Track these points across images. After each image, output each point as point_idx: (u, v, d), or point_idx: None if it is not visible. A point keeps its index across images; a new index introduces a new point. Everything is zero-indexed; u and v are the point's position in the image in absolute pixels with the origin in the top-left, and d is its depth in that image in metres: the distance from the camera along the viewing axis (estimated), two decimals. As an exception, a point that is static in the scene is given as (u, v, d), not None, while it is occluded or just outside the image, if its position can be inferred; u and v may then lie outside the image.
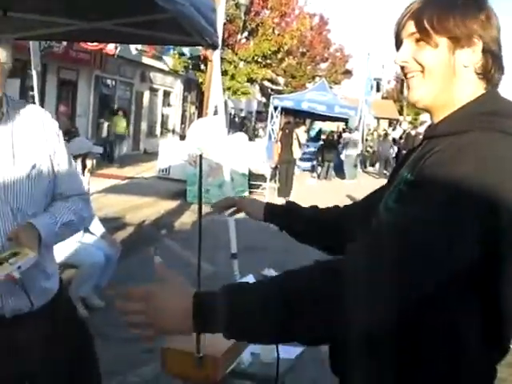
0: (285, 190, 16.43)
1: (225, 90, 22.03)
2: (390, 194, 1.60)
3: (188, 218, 11.06)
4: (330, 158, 22.55)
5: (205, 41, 3.58)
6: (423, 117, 35.96)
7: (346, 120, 26.50)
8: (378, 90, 33.40)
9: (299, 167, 22.10)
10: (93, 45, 17.97)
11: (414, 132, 25.93)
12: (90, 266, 5.67)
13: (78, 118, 20.86)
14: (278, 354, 2.17)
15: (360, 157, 24.88)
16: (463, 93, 1.51)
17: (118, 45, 19.50)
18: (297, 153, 17.96)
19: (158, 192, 13.79)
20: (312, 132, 31.22)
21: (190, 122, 29.53)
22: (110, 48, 20.20)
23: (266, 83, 34.58)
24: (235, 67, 23.84)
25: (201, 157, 1.99)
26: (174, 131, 29.75)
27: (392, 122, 46.74)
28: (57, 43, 16.30)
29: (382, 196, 1.66)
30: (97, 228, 6.06)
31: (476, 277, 1.35)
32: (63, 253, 5.27)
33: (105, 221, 7.19)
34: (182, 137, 25.49)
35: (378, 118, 44.02)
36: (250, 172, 14.69)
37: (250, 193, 14.82)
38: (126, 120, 21.43)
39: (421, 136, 1.70)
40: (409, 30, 1.54)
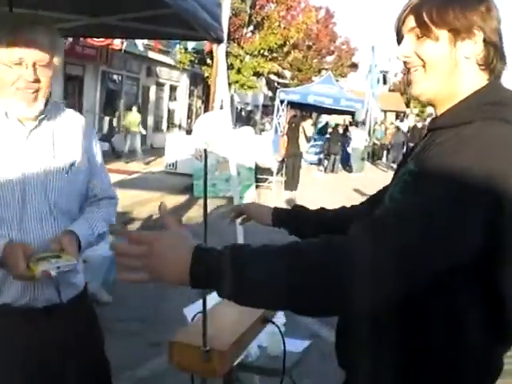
0: (291, 184, 16.42)
1: (231, 84, 22.02)
2: (395, 185, 1.61)
3: (195, 213, 11.07)
4: (335, 151, 22.51)
5: (210, 35, 3.57)
6: (430, 109, 35.75)
7: (352, 113, 26.45)
8: (384, 82, 33.27)
9: (306, 160, 22.08)
10: (99, 40, 17.98)
11: (420, 125, 25.90)
12: (97, 259, 5.69)
13: (85, 114, 20.90)
14: (285, 348, 2.19)
15: (368, 149, 24.82)
16: (466, 84, 1.51)
17: (125, 40, 19.51)
18: (303, 146, 17.95)
19: (166, 187, 13.82)
20: (319, 125, 31.17)
21: (196, 116, 29.53)
22: (117, 43, 20.20)
23: (272, 77, 34.53)
24: (241, 61, 23.80)
25: (205, 151, 1.99)
26: (180, 126, 29.75)
27: (399, 115, 46.64)
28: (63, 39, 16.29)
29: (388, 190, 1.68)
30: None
31: (479, 266, 1.36)
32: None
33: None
34: (189, 131, 25.49)
35: (385, 111, 43.89)
36: (256, 166, 14.69)
37: (256, 187, 14.82)
38: (140, 116, 21.34)
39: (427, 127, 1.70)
40: (409, 25, 1.55)
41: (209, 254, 1.30)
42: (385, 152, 29.99)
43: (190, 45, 22.57)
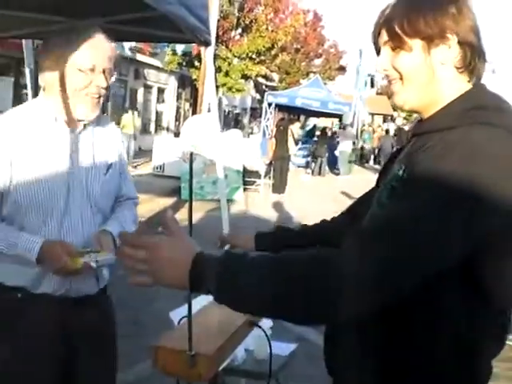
0: (279, 187, 16.44)
1: (219, 87, 22.00)
2: (382, 190, 1.60)
3: (183, 215, 11.02)
4: (321, 154, 22.55)
5: (197, 38, 3.56)
6: (417, 113, 35.80)
7: (340, 116, 26.51)
8: (372, 85, 33.35)
9: (294, 163, 22.11)
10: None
11: (407, 127, 25.97)
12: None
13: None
14: (271, 351, 2.18)
15: (355, 152, 24.89)
16: (447, 89, 1.51)
17: (112, 42, 19.44)
18: (292, 149, 17.95)
19: (153, 189, 13.78)
20: (306, 128, 31.23)
21: (184, 118, 29.48)
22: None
23: (260, 80, 34.54)
24: (229, 64, 23.80)
25: (191, 154, 1.98)
26: (168, 128, 29.70)
27: (386, 118, 46.76)
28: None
29: (371, 198, 1.67)
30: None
31: (469, 272, 1.36)
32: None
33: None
34: (177, 134, 25.45)
35: (373, 114, 44.01)
36: (244, 169, 14.69)
37: (244, 189, 14.82)
38: (139, 119, 21.24)
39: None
40: (384, 38, 1.55)
41: (206, 261, 1.34)
42: (372, 155, 30.10)
43: (179, 48, 22.51)
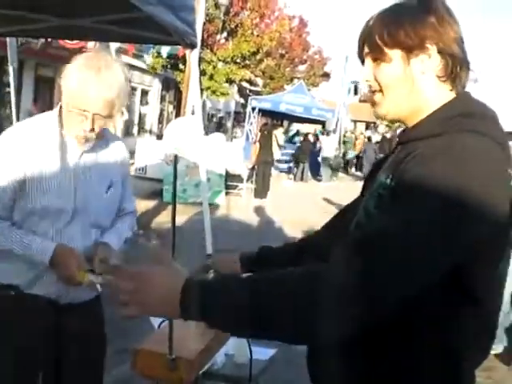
0: (261, 191, 16.43)
1: (203, 90, 21.97)
2: (369, 199, 1.59)
3: (164, 218, 11.00)
4: (303, 159, 22.60)
5: (183, 40, 3.56)
6: (400, 120, 36.00)
7: (323, 122, 26.60)
8: (355, 92, 33.45)
9: (276, 168, 22.13)
10: (73, 43, 17.71)
11: (389, 135, 26.13)
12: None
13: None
14: (251, 356, 2.17)
15: (337, 159, 24.97)
16: (430, 98, 1.52)
17: (98, 43, 19.30)
18: (276, 154, 17.95)
19: (135, 191, 13.61)
20: (289, 134, 31.28)
21: (167, 121, 29.36)
22: (90, 46, 19.94)
23: (245, 84, 34.51)
24: (214, 67, 23.76)
25: (176, 157, 1.98)
26: (151, 131, 29.58)
27: (369, 125, 46.94)
28: (34, 39, 16.09)
29: (358, 205, 1.66)
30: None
31: (456, 280, 1.35)
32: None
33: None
34: (160, 136, 25.34)
35: (355, 121, 44.19)
36: (227, 172, 14.66)
37: (226, 193, 14.79)
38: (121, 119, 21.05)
39: (397, 139, 1.71)
40: (366, 50, 1.56)
41: (196, 289, 1.33)
42: (354, 161, 30.20)
43: (164, 50, 22.40)
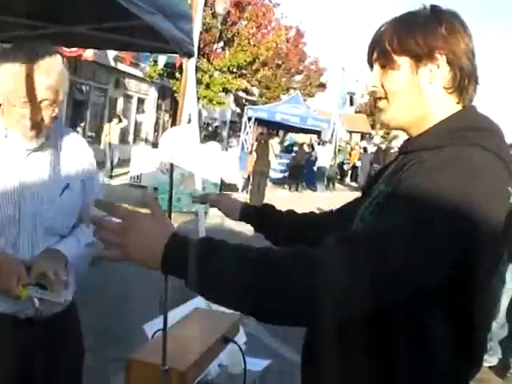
0: (256, 202, 16.43)
1: (199, 99, 21.99)
2: (366, 207, 1.59)
3: (159, 227, 10.95)
4: (299, 169, 22.63)
5: (180, 49, 3.56)
6: (395, 132, 36.29)
7: (318, 132, 26.66)
8: (351, 103, 33.57)
9: (271, 178, 22.16)
10: (70, 50, 17.63)
11: (384, 146, 26.19)
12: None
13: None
14: (245, 366, 2.16)
15: (333, 169, 25.02)
16: (435, 109, 1.51)
17: (95, 50, 19.28)
18: (273, 163, 17.97)
19: (130, 199, 13.67)
20: (285, 143, 31.33)
21: (163, 130, 29.38)
22: (88, 55, 19.90)
23: (241, 93, 34.60)
24: (210, 76, 23.79)
25: (172, 165, 1.97)
26: (146, 139, 29.57)
27: (364, 136, 47.08)
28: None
29: (357, 208, 1.66)
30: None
31: (449, 289, 1.35)
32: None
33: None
34: (155, 144, 25.36)
35: (351, 132, 44.28)
36: (222, 182, 14.66)
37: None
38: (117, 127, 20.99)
39: (392, 150, 1.71)
40: (374, 56, 1.56)
41: (183, 242, 1.30)
42: (349, 172, 30.27)
43: (162, 59, 22.37)
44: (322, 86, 41.70)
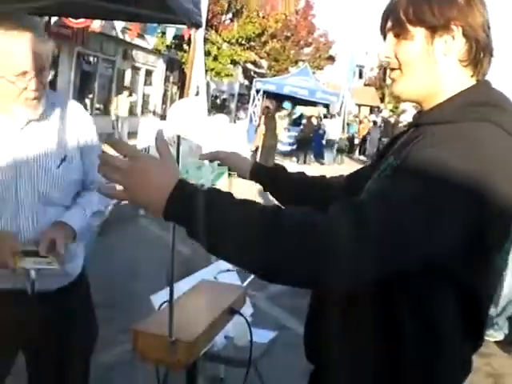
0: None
1: (207, 71, 21.89)
2: (374, 180, 1.58)
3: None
4: (307, 142, 22.59)
5: (188, 20, 3.54)
6: (404, 105, 36.08)
7: (327, 105, 26.55)
8: (360, 76, 33.37)
9: (279, 151, 22.13)
10: (78, 21, 17.53)
11: (393, 120, 26.08)
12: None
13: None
14: (252, 338, 2.17)
15: (343, 142, 24.96)
16: (449, 82, 1.49)
17: (102, 22, 19.19)
18: (282, 136, 17.92)
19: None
20: (293, 116, 31.24)
21: (171, 102, 29.31)
22: (95, 26, 19.82)
23: (249, 66, 34.42)
24: (218, 48, 23.69)
25: (179, 137, 1.96)
26: (154, 112, 29.54)
27: (373, 109, 46.86)
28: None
29: (365, 177, 1.65)
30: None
31: (456, 264, 1.34)
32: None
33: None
34: (163, 117, 25.33)
35: (360, 105, 44.08)
36: (229, 154, 14.62)
37: (229, 175, 14.78)
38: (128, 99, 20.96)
39: (400, 124, 1.69)
40: (388, 25, 1.53)
41: (188, 189, 1.27)
42: (358, 145, 30.19)
43: (170, 33, 22.22)
44: (331, 59, 41.41)
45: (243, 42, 24.51)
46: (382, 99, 48.55)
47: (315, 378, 1.69)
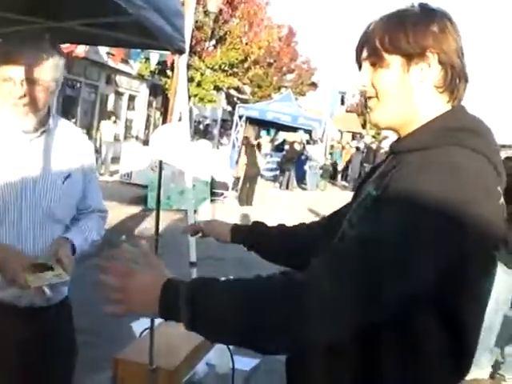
0: (246, 200, 16.42)
1: (190, 97, 21.96)
2: (354, 210, 1.58)
3: (148, 224, 10.95)
4: (288, 168, 22.64)
5: (171, 46, 3.55)
6: (385, 132, 36.34)
7: (309, 131, 26.68)
8: (342, 103, 33.61)
9: (262, 176, 22.16)
10: (64, 47, 17.46)
11: (374, 146, 26.23)
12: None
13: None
14: (234, 366, 2.15)
15: (325, 168, 25.04)
16: (425, 108, 1.50)
17: (86, 47, 19.18)
18: (261, 163, 18.01)
19: (119, 197, 13.64)
20: (276, 142, 31.34)
21: (154, 127, 29.34)
22: (80, 51, 19.79)
23: (232, 92, 34.56)
24: (202, 74, 23.78)
25: (161, 163, 1.95)
26: (137, 137, 29.51)
27: (355, 136, 47.12)
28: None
29: (347, 212, 1.65)
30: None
31: (438, 295, 1.33)
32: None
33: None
34: (146, 142, 25.30)
35: (342, 131, 44.33)
36: (212, 180, 14.63)
37: (211, 201, 14.76)
38: (115, 125, 21.01)
39: (382, 150, 1.70)
40: (364, 54, 1.54)
41: (176, 287, 1.32)
42: (341, 172, 30.29)
43: (154, 58, 22.27)
44: (314, 85, 41.72)
45: (226, 68, 24.62)
46: (364, 125, 48.92)
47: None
